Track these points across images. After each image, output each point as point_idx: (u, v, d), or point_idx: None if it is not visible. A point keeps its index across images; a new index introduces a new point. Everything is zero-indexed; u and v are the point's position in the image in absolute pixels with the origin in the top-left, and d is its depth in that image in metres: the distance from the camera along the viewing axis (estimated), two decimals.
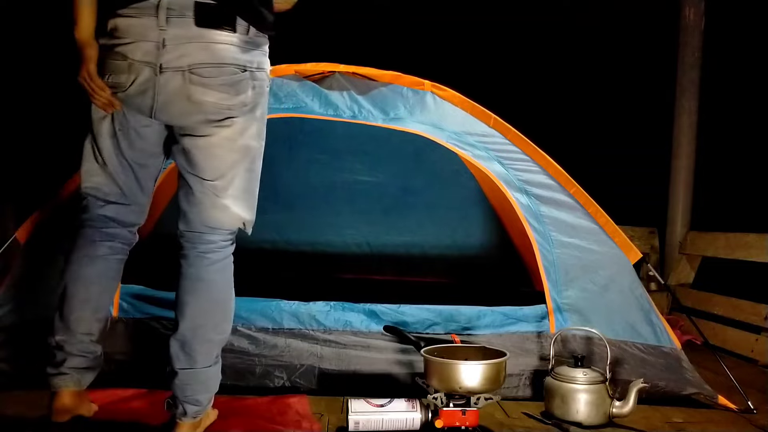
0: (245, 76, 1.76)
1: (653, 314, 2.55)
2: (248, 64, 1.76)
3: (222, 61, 1.72)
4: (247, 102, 1.78)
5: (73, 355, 1.84)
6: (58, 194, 2.43)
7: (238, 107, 1.76)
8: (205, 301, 1.82)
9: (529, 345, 2.46)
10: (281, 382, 2.34)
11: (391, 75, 2.61)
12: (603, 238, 2.56)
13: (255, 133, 1.83)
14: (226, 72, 1.72)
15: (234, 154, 1.80)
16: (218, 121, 1.76)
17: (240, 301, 2.37)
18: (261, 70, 1.82)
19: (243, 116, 1.78)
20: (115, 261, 1.91)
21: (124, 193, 1.89)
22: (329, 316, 2.43)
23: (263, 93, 1.84)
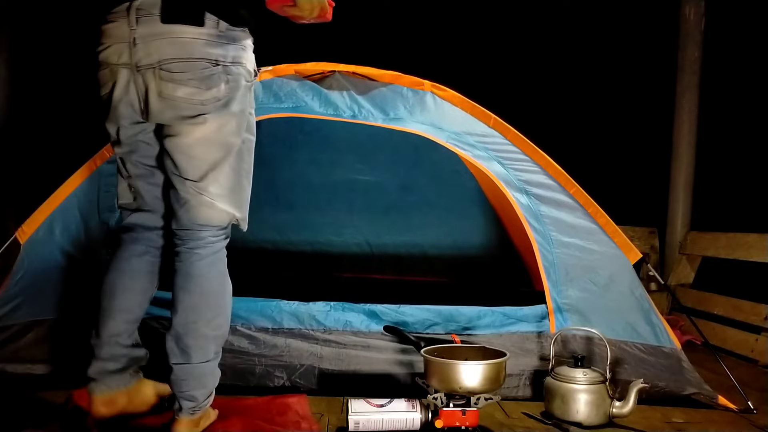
0: (217, 70, 1.74)
1: (653, 314, 2.55)
2: (221, 58, 1.75)
3: (190, 56, 1.71)
4: (220, 97, 1.76)
5: (101, 359, 1.86)
6: (58, 194, 2.43)
7: (211, 102, 1.75)
8: (197, 296, 1.82)
9: (529, 345, 2.46)
10: (281, 382, 2.34)
11: (391, 75, 2.61)
12: (603, 238, 2.56)
13: (234, 129, 1.81)
14: (195, 66, 1.72)
15: (214, 153, 1.79)
16: (192, 118, 1.75)
17: (240, 301, 2.38)
18: (237, 64, 1.79)
19: (217, 112, 1.76)
20: (140, 262, 1.91)
21: (146, 201, 1.92)
22: (329, 316, 2.43)
23: (238, 87, 1.80)
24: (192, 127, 1.76)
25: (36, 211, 2.42)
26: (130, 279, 1.89)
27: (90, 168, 2.44)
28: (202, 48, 1.72)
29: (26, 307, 2.35)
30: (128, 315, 1.88)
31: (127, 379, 1.90)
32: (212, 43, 1.74)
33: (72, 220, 2.43)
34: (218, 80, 1.75)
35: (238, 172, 1.85)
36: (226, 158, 1.81)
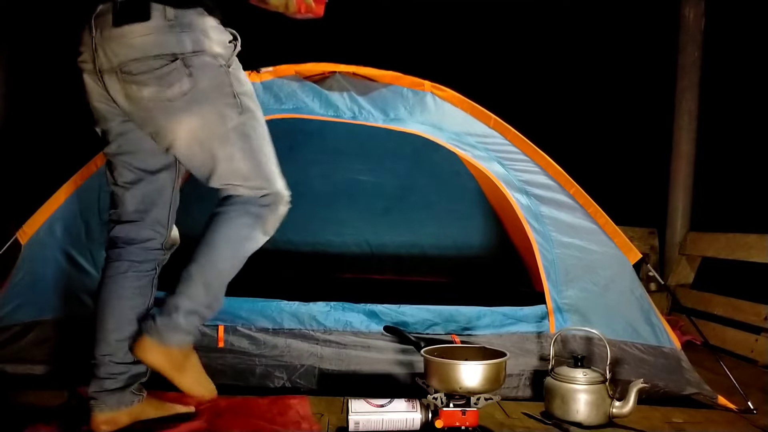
0: (176, 65, 1.67)
1: (653, 314, 2.55)
2: (177, 50, 1.67)
3: (145, 54, 1.67)
4: (185, 91, 1.69)
5: (99, 378, 1.84)
6: (59, 195, 2.43)
7: (179, 98, 1.69)
8: (203, 244, 1.82)
9: (529, 345, 2.47)
10: (281, 383, 2.34)
11: (392, 75, 2.61)
12: (603, 239, 2.56)
13: (219, 118, 1.74)
14: (152, 65, 1.66)
15: (211, 150, 1.75)
16: (166, 117, 1.71)
17: (240, 302, 2.39)
18: (198, 52, 1.69)
19: (190, 107, 1.71)
20: (124, 280, 1.86)
21: (127, 211, 1.88)
22: (329, 317, 2.43)
23: (206, 76, 1.70)
24: (173, 126, 1.72)
25: (37, 212, 2.43)
26: (117, 299, 1.85)
27: (91, 169, 2.44)
28: (153, 43, 1.66)
29: (27, 308, 2.35)
30: (118, 334, 1.84)
31: (129, 398, 1.87)
32: (164, 35, 1.66)
33: (73, 220, 2.43)
34: (179, 75, 1.67)
35: (250, 152, 1.79)
36: (227, 148, 1.75)
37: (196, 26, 1.70)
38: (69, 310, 2.34)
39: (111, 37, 1.69)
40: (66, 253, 2.40)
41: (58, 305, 2.36)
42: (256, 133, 1.81)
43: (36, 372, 2.26)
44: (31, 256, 2.40)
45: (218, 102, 1.74)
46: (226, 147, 1.76)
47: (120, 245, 1.88)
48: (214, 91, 1.73)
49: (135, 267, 1.88)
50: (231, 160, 1.76)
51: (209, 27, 1.73)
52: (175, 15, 1.68)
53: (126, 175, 1.86)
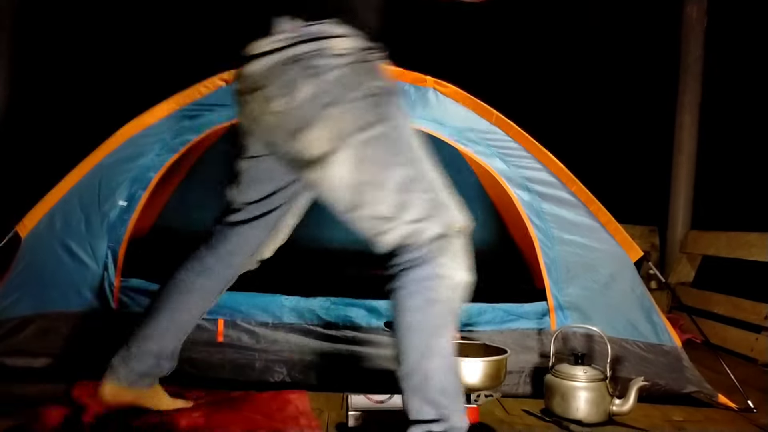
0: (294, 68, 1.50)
1: (654, 313, 2.55)
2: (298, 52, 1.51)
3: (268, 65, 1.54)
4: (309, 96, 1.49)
5: (131, 355, 1.82)
6: (59, 188, 2.43)
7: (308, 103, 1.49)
8: (400, 331, 1.53)
9: (529, 342, 2.46)
10: (281, 377, 2.34)
11: (394, 71, 2.60)
12: (604, 236, 2.56)
13: (354, 125, 1.48)
14: (274, 73, 1.52)
15: (347, 177, 1.50)
16: (293, 132, 1.52)
17: (240, 296, 2.39)
18: (320, 52, 1.50)
19: (317, 114, 1.49)
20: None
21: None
22: (330, 312, 2.43)
23: (332, 75, 1.49)
24: (297, 144, 1.53)
25: (37, 205, 2.42)
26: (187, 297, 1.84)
27: (91, 162, 2.44)
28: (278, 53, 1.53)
29: (27, 301, 2.35)
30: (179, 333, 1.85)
31: (143, 382, 1.87)
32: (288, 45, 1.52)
33: (73, 213, 2.43)
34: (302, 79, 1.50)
35: (398, 174, 1.49)
36: (369, 170, 1.50)
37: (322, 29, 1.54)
38: (69, 303, 2.34)
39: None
40: (66, 246, 2.40)
41: (58, 298, 2.36)
42: (397, 147, 1.54)
43: (36, 365, 2.26)
44: (31, 249, 2.40)
45: (356, 103, 1.52)
46: (364, 169, 1.51)
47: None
48: (349, 91, 1.52)
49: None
50: (371, 190, 1.52)
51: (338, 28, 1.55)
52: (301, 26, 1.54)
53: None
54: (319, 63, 1.50)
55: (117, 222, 2.41)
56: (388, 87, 1.55)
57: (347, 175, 1.49)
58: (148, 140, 2.47)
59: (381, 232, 1.53)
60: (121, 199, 2.42)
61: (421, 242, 1.49)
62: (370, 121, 1.49)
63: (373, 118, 1.49)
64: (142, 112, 2.49)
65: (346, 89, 1.49)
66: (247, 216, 1.80)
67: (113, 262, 2.37)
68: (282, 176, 1.75)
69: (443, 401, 1.45)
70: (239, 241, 1.84)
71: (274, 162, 1.70)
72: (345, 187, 1.51)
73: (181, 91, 2.51)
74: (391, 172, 1.49)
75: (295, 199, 1.83)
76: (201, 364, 2.30)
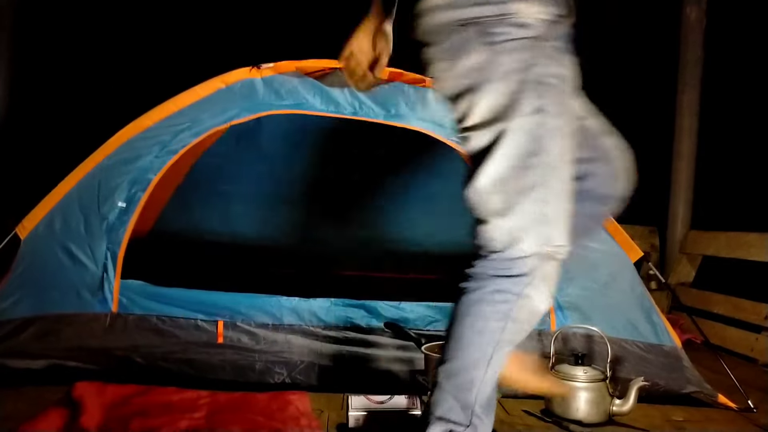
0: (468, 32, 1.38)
1: (654, 313, 2.55)
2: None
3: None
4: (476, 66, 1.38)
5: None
6: (58, 189, 2.43)
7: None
8: (449, 335, 1.49)
9: (529, 343, 2.46)
10: (281, 378, 2.33)
11: (393, 72, 2.61)
12: (604, 237, 2.55)
13: (507, 109, 1.37)
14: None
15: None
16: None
17: (240, 297, 2.39)
18: (503, 19, 1.36)
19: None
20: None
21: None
22: (330, 313, 2.43)
23: (507, 47, 1.36)
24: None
25: (36, 207, 2.42)
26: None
27: (91, 163, 2.44)
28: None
29: (27, 302, 2.34)
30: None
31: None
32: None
33: (72, 215, 2.42)
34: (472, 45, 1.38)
35: (520, 165, 1.38)
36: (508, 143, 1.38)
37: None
38: (68, 304, 2.34)
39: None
40: (65, 247, 2.40)
41: (57, 300, 2.35)
42: (554, 144, 1.40)
43: (35, 367, 2.25)
44: (31, 251, 2.40)
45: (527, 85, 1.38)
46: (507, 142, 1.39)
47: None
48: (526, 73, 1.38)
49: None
50: (496, 158, 1.41)
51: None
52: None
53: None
54: (498, 31, 1.36)
55: (116, 223, 2.40)
56: (561, 77, 1.40)
57: (479, 155, 1.42)
58: (147, 142, 2.47)
59: (482, 223, 1.46)
60: (120, 201, 2.42)
61: (514, 253, 1.40)
62: (524, 110, 1.36)
63: (528, 108, 1.36)
64: (141, 114, 2.49)
65: (516, 69, 1.36)
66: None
67: (113, 264, 2.37)
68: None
69: (478, 411, 1.41)
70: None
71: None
72: (475, 163, 1.43)
73: (179, 93, 2.52)
74: (516, 170, 1.38)
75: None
76: (201, 365, 2.30)
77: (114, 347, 2.27)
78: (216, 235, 3.91)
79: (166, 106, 2.50)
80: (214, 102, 2.51)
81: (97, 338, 2.28)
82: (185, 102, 2.50)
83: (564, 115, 1.40)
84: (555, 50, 1.40)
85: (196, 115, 2.50)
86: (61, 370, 2.23)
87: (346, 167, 3.97)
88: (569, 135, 1.41)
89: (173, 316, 2.35)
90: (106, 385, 2.09)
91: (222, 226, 3.93)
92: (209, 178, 3.80)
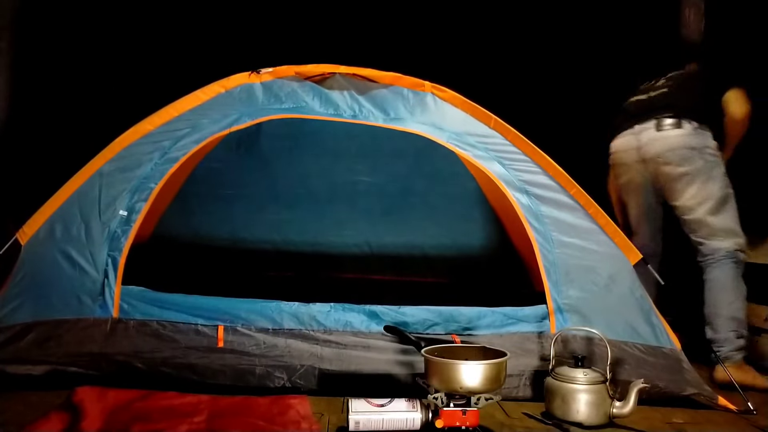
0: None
1: (653, 315, 2.55)
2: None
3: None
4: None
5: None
6: (59, 195, 2.43)
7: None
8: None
9: (529, 345, 2.46)
10: (281, 383, 2.34)
11: (392, 76, 2.62)
12: (603, 239, 2.56)
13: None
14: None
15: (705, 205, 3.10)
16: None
17: (240, 302, 2.39)
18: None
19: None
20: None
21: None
22: (329, 317, 2.43)
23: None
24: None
25: (37, 212, 2.43)
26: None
27: (91, 169, 2.44)
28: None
29: (27, 308, 2.35)
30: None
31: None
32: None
33: (73, 221, 2.43)
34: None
35: (728, 211, 3.10)
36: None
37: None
38: (69, 310, 2.34)
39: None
40: (66, 253, 2.40)
41: (58, 305, 2.35)
42: (734, 204, 3.04)
43: (36, 372, 2.25)
44: (31, 257, 2.40)
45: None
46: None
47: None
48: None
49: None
50: (716, 214, 2.99)
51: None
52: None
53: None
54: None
55: (118, 232, 2.41)
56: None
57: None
58: (147, 148, 2.48)
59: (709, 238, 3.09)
60: (122, 209, 2.43)
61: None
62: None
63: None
64: (142, 119, 2.50)
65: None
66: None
67: (114, 270, 2.37)
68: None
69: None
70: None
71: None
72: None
73: (180, 98, 2.52)
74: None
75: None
76: (202, 369, 2.30)
77: (115, 352, 2.28)
78: (216, 239, 3.92)
79: (167, 111, 2.51)
80: (215, 107, 2.52)
81: (98, 343, 2.29)
82: (185, 107, 2.51)
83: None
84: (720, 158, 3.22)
85: (196, 120, 2.51)
86: (62, 375, 2.23)
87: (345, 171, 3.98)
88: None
89: (174, 321, 2.35)
90: (106, 390, 2.10)
91: (222, 230, 3.94)
92: (209, 183, 3.80)
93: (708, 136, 3.07)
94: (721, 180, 3.03)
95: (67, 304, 2.35)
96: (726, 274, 2.96)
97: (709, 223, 3.02)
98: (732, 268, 2.97)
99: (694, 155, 3.03)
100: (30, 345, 2.30)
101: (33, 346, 2.30)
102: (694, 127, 3.05)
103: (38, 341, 2.30)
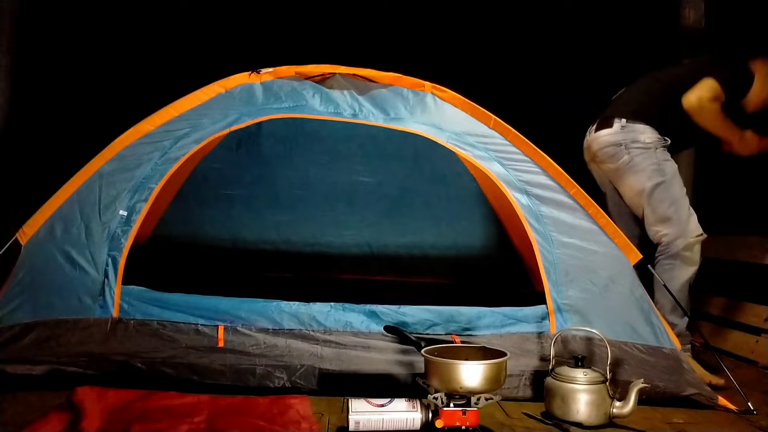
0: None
1: (653, 315, 2.55)
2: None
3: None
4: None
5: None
6: (59, 195, 2.43)
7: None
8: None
9: (529, 345, 2.46)
10: (282, 383, 2.33)
11: (392, 76, 2.62)
12: (603, 239, 2.56)
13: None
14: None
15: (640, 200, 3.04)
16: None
17: (240, 302, 2.39)
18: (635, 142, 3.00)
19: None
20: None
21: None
22: (329, 317, 2.43)
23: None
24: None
25: (37, 213, 2.43)
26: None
27: (91, 169, 2.44)
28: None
29: (27, 308, 2.35)
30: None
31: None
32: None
33: (73, 221, 2.43)
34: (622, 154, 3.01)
35: (667, 203, 3.00)
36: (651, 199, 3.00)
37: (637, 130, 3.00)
38: (69, 310, 2.34)
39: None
40: (66, 253, 2.40)
41: (58, 305, 2.35)
42: (669, 192, 2.97)
43: (36, 372, 2.25)
44: (32, 257, 2.40)
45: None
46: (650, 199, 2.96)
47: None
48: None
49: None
50: (648, 206, 2.97)
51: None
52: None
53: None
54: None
55: (118, 232, 2.41)
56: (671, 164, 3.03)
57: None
58: (147, 148, 2.47)
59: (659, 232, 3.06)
60: (122, 209, 2.42)
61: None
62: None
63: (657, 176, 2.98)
64: (142, 119, 2.50)
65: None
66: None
67: (114, 270, 2.37)
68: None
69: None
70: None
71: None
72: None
73: (180, 98, 2.52)
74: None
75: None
76: (202, 369, 2.30)
77: (115, 352, 2.28)
78: (216, 239, 3.92)
79: (167, 111, 2.50)
80: (214, 106, 2.52)
81: (98, 343, 2.29)
82: (185, 107, 2.51)
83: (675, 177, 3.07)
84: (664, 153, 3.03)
85: (196, 120, 2.51)
86: (62, 375, 2.23)
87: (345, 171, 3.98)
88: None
89: (174, 321, 2.35)
90: (106, 390, 2.10)
91: (222, 231, 3.94)
92: (209, 183, 3.81)
93: (639, 131, 2.99)
94: (649, 170, 2.97)
95: (67, 304, 2.35)
96: (662, 269, 2.93)
97: (646, 214, 3.01)
98: (666, 263, 2.96)
99: (619, 151, 3.00)
100: (30, 345, 2.29)
101: (33, 346, 2.29)
102: (621, 125, 3.01)
103: (38, 341, 2.30)
